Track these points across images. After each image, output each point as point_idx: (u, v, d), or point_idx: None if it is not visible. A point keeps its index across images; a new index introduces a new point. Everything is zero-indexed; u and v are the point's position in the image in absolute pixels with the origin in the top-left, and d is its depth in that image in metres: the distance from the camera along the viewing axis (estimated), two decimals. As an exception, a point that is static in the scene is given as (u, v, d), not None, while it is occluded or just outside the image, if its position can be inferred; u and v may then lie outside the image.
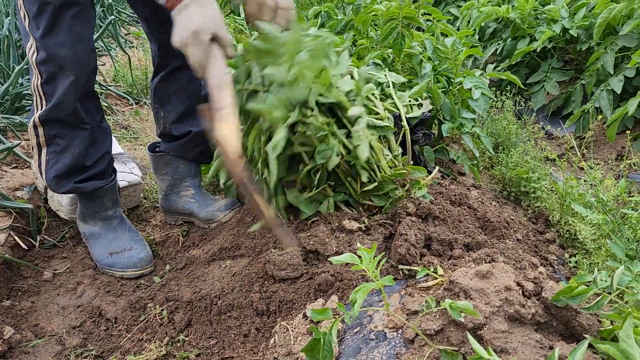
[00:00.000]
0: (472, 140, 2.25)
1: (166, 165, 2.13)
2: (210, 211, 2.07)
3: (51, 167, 1.83)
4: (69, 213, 2.09)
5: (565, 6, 3.33)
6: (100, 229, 1.98)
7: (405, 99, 2.01)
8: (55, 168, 1.82)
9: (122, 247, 1.93)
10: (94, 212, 1.96)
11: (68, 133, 1.79)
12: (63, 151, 1.81)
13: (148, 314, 1.66)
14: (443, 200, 1.78)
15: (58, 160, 1.81)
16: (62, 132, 1.78)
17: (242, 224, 1.86)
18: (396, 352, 1.16)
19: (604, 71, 2.99)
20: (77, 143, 1.80)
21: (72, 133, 1.79)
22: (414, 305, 1.25)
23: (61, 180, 1.84)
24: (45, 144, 1.81)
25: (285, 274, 1.52)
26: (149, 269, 1.92)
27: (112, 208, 1.98)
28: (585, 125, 2.99)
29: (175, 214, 2.18)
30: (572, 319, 1.13)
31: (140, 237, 2.01)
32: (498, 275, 1.20)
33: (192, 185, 2.14)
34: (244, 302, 1.52)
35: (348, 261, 1.12)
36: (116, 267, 1.90)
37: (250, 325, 1.49)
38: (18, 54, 3.09)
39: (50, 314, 1.76)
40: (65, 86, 1.68)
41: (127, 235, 1.98)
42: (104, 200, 1.94)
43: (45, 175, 1.85)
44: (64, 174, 1.83)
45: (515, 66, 3.66)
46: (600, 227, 1.76)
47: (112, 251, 1.92)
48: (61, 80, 1.68)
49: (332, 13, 3.17)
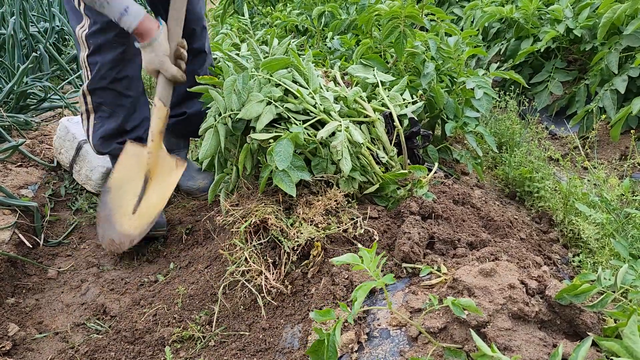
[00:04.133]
0: (475, 140, 2.24)
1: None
2: (191, 187, 2.37)
3: (97, 130, 2.05)
4: (97, 187, 2.28)
5: (569, 6, 3.32)
6: None
7: (398, 99, 2.02)
8: (101, 131, 2.05)
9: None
10: None
11: (112, 101, 2.01)
12: (108, 117, 2.04)
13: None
14: (446, 199, 1.78)
15: (103, 125, 2.05)
16: (107, 101, 2.01)
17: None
18: (400, 350, 1.16)
19: (608, 71, 2.98)
20: (120, 110, 2.03)
21: (115, 101, 2.02)
22: (418, 303, 1.25)
23: (105, 142, 2.06)
24: (93, 111, 2.04)
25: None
26: (160, 232, 2.10)
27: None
28: (589, 125, 2.98)
29: None
30: (575, 317, 1.13)
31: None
32: (502, 274, 1.20)
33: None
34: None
35: (350, 261, 1.12)
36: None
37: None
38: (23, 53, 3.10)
39: (55, 311, 1.77)
40: (107, 58, 1.91)
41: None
42: None
43: (92, 137, 2.08)
44: (108, 136, 2.06)
45: (519, 66, 3.65)
46: (604, 227, 1.76)
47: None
48: (105, 52, 1.91)
49: (336, 13, 3.18)
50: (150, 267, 1.99)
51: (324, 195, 1.69)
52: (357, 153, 1.74)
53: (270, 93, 1.74)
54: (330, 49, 2.85)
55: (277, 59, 1.81)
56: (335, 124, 1.69)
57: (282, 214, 1.68)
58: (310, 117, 1.74)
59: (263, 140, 1.67)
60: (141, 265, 2.01)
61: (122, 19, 1.68)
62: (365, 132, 1.85)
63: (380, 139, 1.86)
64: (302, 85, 1.83)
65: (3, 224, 1.92)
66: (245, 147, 1.76)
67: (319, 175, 1.72)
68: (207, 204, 2.19)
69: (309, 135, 1.68)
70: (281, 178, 1.61)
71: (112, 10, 1.67)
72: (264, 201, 1.73)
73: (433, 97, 2.23)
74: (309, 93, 1.78)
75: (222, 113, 1.78)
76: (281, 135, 1.61)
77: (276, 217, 1.64)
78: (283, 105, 1.73)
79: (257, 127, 1.68)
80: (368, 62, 2.22)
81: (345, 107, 1.86)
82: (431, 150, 2.20)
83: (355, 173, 1.73)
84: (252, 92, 1.75)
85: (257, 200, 1.74)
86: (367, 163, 1.76)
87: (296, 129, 1.62)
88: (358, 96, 1.88)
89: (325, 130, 1.65)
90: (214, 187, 1.96)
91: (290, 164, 1.60)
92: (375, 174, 1.78)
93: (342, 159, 1.64)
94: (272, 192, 1.78)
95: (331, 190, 1.69)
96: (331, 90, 1.89)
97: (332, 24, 3.11)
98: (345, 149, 1.65)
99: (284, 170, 1.59)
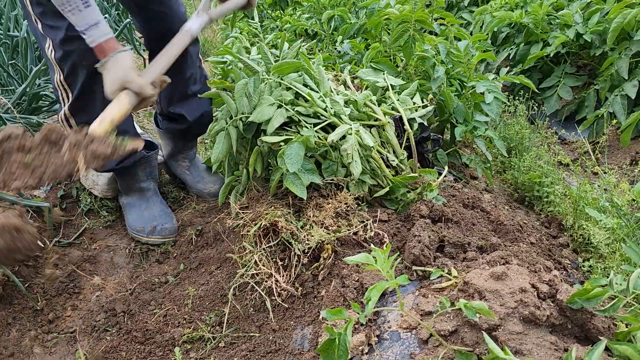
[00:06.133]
0: (484, 144, 2.24)
1: (164, 136, 2.36)
2: (201, 191, 2.37)
3: None
4: (103, 192, 2.28)
5: (579, 11, 3.31)
6: (135, 199, 2.18)
7: (408, 102, 2.02)
8: None
9: (152, 216, 2.12)
10: (129, 184, 2.15)
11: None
12: None
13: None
14: (456, 203, 1.78)
15: None
16: (92, 118, 1.75)
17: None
18: (410, 352, 1.17)
19: (618, 76, 2.97)
20: None
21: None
22: (428, 306, 1.25)
23: None
24: None
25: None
26: (171, 238, 2.11)
27: (146, 180, 2.18)
28: (599, 130, 2.97)
29: (173, 176, 2.48)
30: (587, 321, 1.13)
31: (170, 211, 2.21)
32: (513, 277, 1.20)
33: (188, 157, 2.38)
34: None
35: (363, 261, 1.13)
36: (143, 233, 2.09)
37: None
38: (35, 55, 3.13)
39: (65, 312, 1.78)
40: (85, 75, 1.78)
41: (158, 207, 2.17)
42: (137, 172, 2.13)
43: None
44: None
45: (528, 71, 3.64)
46: (615, 232, 1.75)
47: (142, 219, 2.11)
48: (82, 71, 1.77)
49: (346, 17, 3.19)
50: (160, 267, 2.00)
51: (334, 198, 1.69)
52: (368, 156, 1.75)
53: (281, 96, 1.75)
54: (340, 52, 2.86)
55: (288, 62, 1.82)
56: (346, 127, 1.70)
57: (292, 217, 1.69)
58: (321, 120, 1.75)
59: (274, 143, 1.68)
60: (151, 266, 2.03)
61: (90, 31, 1.51)
62: (376, 135, 1.86)
63: (391, 142, 1.86)
64: (313, 88, 1.84)
65: (16, 224, 1.94)
66: (256, 150, 1.77)
67: (329, 178, 1.73)
68: (217, 205, 2.20)
69: (319, 138, 1.69)
70: (292, 181, 1.62)
71: (83, 18, 1.51)
72: (274, 204, 1.74)
73: (443, 101, 2.23)
74: (319, 96, 1.79)
75: (234, 116, 1.80)
76: (292, 139, 1.62)
77: (286, 220, 1.65)
78: (294, 109, 1.74)
79: (268, 130, 1.69)
80: (378, 65, 2.23)
81: (355, 110, 1.87)
82: (440, 154, 2.20)
83: (366, 176, 1.74)
84: (263, 95, 1.77)
85: (267, 203, 1.75)
86: (377, 166, 1.77)
87: (307, 132, 1.63)
88: (368, 100, 1.89)
89: (336, 133, 1.66)
90: (224, 189, 1.97)
91: (301, 166, 1.61)
92: (385, 177, 1.78)
93: (353, 162, 1.65)
94: (282, 195, 1.79)
95: (341, 193, 1.69)
96: (341, 94, 1.90)
97: (342, 28, 3.12)
98: (355, 152, 1.66)
99: (294, 173, 1.60)
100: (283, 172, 1.63)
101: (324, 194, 1.73)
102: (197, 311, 1.69)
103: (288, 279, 1.59)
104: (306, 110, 1.75)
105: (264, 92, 1.78)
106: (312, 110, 1.76)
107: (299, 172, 1.61)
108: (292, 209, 1.72)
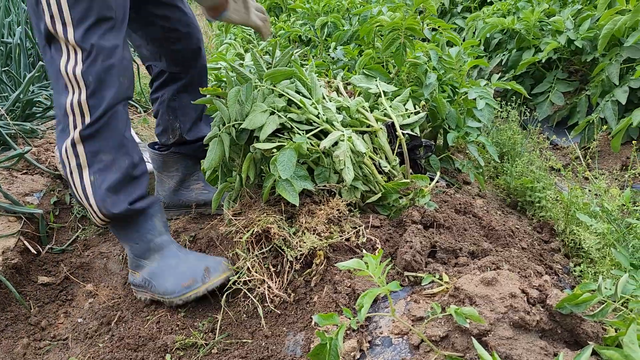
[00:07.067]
0: (477, 149, 2.26)
1: (177, 162, 2.22)
2: (207, 200, 2.24)
3: (99, 187, 1.62)
4: None
5: (570, 18, 3.35)
6: (160, 262, 1.75)
7: (401, 109, 2.04)
8: (105, 186, 1.62)
9: (194, 265, 1.71)
10: (148, 241, 1.75)
11: (112, 145, 1.62)
12: (109, 167, 1.62)
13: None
14: (448, 208, 1.79)
15: (105, 178, 1.62)
16: (105, 146, 1.61)
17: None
18: (402, 358, 1.17)
19: (609, 82, 3.00)
20: (121, 155, 1.64)
21: (115, 144, 1.63)
22: (420, 311, 1.26)
23: (113, 196, 1.63)
24: (87, 164, 1.61)
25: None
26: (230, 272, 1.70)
27: (166, 232, 1.81)
28: (590, 136, 3.00)
29: (182, 207, 2.29)
30: (576, 326, 1.14)
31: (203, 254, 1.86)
32: (503, 283, 1.21)
33: (200, 178, 2.29)
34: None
35: (355, 267, 1.14)
36: (197, 283, 1.68)
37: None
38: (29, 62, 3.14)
39: (58, 319, 1.78)
40: (112, 94, 1.59)
41: (191, 255, 1.78)
42: (154, 221, 1.76)
43: (95, 198, 1.62)
44: (114, 189, 1.63)
45: (520, 77, 3.68)
46: (605, 237, 1.77)
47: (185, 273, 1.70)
48: (109, 88, 1.58)
49: (339, 24, 3.21)
50: (153, 274, 1.99)
51: (327, 204, 1.70)
52: (360, 162, 1.76)
53: (274, 103, 1.76)
54: (333, 59, 2.88)
55: (280, 70, 1.83)
56: (338, 133, 1.71)
57: (285, 223, 1.70)
58: (313, 127, 1.76)
59: (266, 150, 1.69)
60: (144, 273, 2.02)
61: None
62: (368, 141, 1.87)
63: (383, 148, 1.87)
64: (305, 95, 1.85)
65: (8, 231, 1.94)
66: (249, 157, 1.78)
67: (321, 185, 1.73)
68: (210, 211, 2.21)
69: (312, 145, 1.70)
70: (284, 187, 1.62)
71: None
72: (267, 211, 1.74)
73: (435, 107, 2.25)
74: (312, 103, 1.80)
75: (226, 123, 1.81)
76: (284, 145, 1.63)
77: (279, 227, 1.66)
78: (286, 115, 1.75)
79: (261, 136, 1.70)
80: (370, 72, 2.24)
81: (348, 117, 1.88)
82: (433, 159, 2.21)
83: (358, 182, 1.75)
84: (256, 102, 1.77)
85: (260, 210, 1.75)
86: (370, 172, 1.78)
87: (299, 139, 1.64)
88: (360, 106, 1.91)
89: (328, 140, 1.67)
90: (217, 196, 1.98)
91: (294, 173, 1.62)
92: (377, 183, 1.79)
93: (345, 168, 1.66)
94: (274, 202, 1.79)
95: (333, 200, 1.70)
96: (334, 101, 1.91)
97: (335, 35, 3.14)
98: (347, 158, 1.67)
99: (287, 179, 1.60)
100: (275, 179, 1.63)
101: (317, 200, 1.73)
102: (190, 318, 1.69)
103: (280, 285, 1.59)
104: (299, 117, 1.76)
105: (257, 99, 1.79)
106: (304, 117, 1.77)
107: (291, 179, 1.61)
108: (284, 215, 1.73)
